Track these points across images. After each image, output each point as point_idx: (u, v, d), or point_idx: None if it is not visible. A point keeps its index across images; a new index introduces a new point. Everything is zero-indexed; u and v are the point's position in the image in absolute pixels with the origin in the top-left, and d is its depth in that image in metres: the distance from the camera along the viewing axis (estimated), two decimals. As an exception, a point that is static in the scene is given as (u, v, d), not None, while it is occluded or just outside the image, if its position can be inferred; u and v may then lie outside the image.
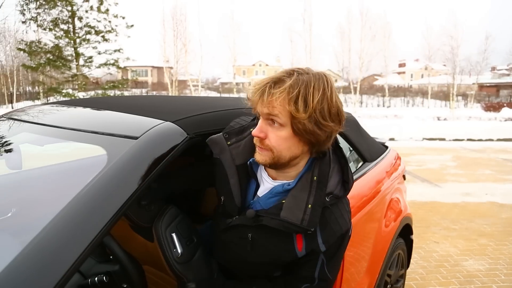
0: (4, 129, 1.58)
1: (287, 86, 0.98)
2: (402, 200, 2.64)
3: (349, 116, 2.34)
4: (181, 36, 30.63)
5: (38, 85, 21.87)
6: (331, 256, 1.16)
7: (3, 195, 1.83)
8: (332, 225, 1.12)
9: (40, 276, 0.82)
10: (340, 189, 1.15)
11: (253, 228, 1.18)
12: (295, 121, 1.00)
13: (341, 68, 31.33)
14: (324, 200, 1.10)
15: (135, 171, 1.06)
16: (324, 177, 1.11)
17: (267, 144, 1.06)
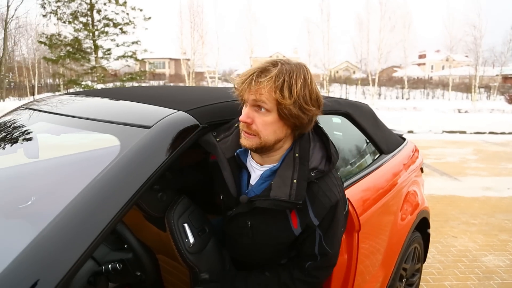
0: (22, 119, 1.61)
1: (273, 75, 1.07)
2: (419, 193, 2.59)
3: (366, 107, 2.30)
4: (198, 28, 30.67)
5: (59, 77, 22.25)
6: (327, 229, 1.23)
7: (23, 184, 1.88)
8: (321, 198, 1.19)
9: (56, 259, 0.85)
10: (324, 164, 1.22)
11: (250, 215, 1.26)
12: (281, 106, 1.09)
13: (359, 59, 30.84)
14: (309, 175, 1.17)
15: (147, 160, 1.07)
16: (305, 153, 1.20)
17: (254, 129, 1.14)
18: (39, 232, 0.88)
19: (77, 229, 0.90)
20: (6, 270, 0.80)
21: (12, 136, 1.56)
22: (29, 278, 0.80)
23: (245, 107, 1.15)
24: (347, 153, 2.12)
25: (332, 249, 1.26)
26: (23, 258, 0.83)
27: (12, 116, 1.68)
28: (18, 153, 1.49)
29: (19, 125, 1.60)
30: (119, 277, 1.36)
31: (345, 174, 1.95)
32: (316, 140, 1.25)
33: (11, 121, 1.65)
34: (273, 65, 1.10)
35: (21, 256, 0.84)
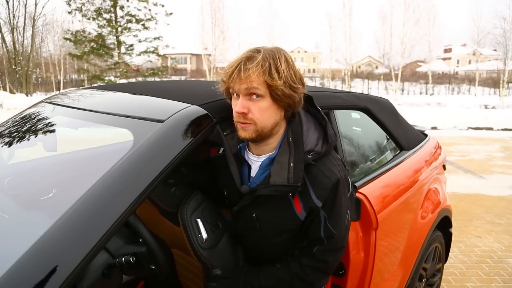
0: (42, 113, 1.64)
1: (259, 60, 1.09)
2: (441, 191, 2.52)
3: (386, 102, 2.25)
4: (219, 23, 30.73)
5: (83, 72, 22.76)
6: (330, 209, 1.23)
7: (45, 177, 1.93)
8: (321, 179, 1.20)
9: (71, 248, 0.88)
10: (321, 145, 1.23)
11: (254, 207, 1.28)
12: (272, 89, 1.11)
13: (382, 54, 30.22)
14: (305, 157, 1.19)
15: (160, 153, 1.06)
16: (298, 136, 1.21)
17: (251, 117, 1.15)
18: (54, 223, 0.91)
19: (91, 219, 0.92)
20: (25, 255, 0.84)
21: (32, 129, 1.59)
22: (47, 264, 0.84)
23: (236, 98, 1.16)
24: (366, 149, 2.08)
25: (338, 230, 1.25)
26: (40, 247, 0.86)
27: (33, 111, 1.71)
28: (38, 146, 1.52)
29: (39, 119, 1.63)
30: (133, 270, 1.37)
31: (363, 171, 1.91)
32: (310, 122, 1.26)
33: (32, 115, 1.68)
34: (256, 51, 1.13)
35: (37, 244, 0.87)
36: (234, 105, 1.16)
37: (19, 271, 0.83)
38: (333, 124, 1.69)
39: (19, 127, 1.61)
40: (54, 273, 0.83)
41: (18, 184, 1.66)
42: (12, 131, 1.60)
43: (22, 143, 1.54)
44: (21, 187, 1.67)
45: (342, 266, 1.63)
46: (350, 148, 1.88)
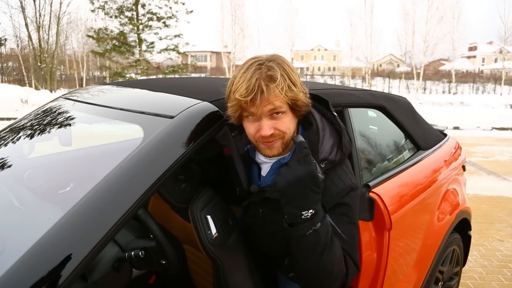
0: (59, 109, 1.68)
1: (279, 78, 1.07)
2: (460, 192, 2.45)
3: (403, 100, 2.20)
4: (239, 21, 30.80)
5: (105, 70, 23.20)
6: (338, 217, 1.19)
7: (63, 171, 1.98)
8: (329, 187, 1.18)
9: (80, 239, 0.90)
10: (335, 154, 1.21)
11: (262, 204, 1.30)
12: (293, 102, 1.11)
13: (403, 52, 29.69)
14: (319, 166, 1.15)
15: (169, 149, 1.07)
16: (314, 146, 1.18)
17: (278, 133, 1.14)
18: (64, 214, 0.93)
19: (101, 211, 0.94)
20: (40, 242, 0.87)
21: (49, 125, 1.62)
22: (57, 253, 0.87)
23: (253, 120, 1.13)
24: (381, 148, 2.04)
25: (347, 235, 1.20)
26: (51, 236, 0.89)
27: (51, 106, 1.75)
28: (54, 140, 1.55)
29: (55, 114, 1.66)
30: (143, 264, 1.39)
31: (378, 170, 1.87)
32: (326, 129, 1.23)
33: (50, 110, 1.71)
34: (266, 68, 1.09)
35: (49, 234, 0.89)
36: (253, 128, 1.15)
37: (31, 258, 0.85)
38: (347, 122, 1.66)
39: (36, 123, 1.65)
40: (64, 262, 0.86)
41: (37, 178, 1.70)
42: (30, 126, 1.64)
43: (39, 137, 1.58)
44: (40, 181, 1.72)
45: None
46: (365, 147, 1.85)
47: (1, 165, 1.53)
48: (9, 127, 1.72)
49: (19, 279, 0.82)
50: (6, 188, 1.47)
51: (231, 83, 1.13)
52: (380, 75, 37.53)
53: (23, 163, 1.72)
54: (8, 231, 1.16)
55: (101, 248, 0.92)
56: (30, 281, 0.82)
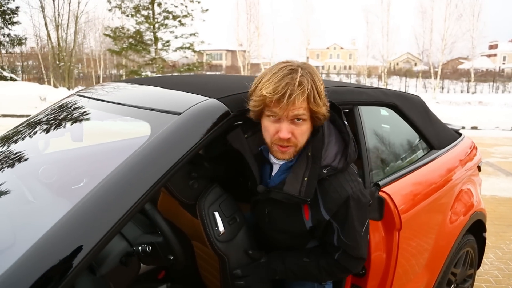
0: (72, 106, 1.70)
1: (308, 87, 1.11)
2: (475, 193, 2.40)
3: (416, 99, 2.17)
4: (254, 19, 30.80)
5: (121, 68, 23.49)
6: (342, 223, 1.25)
7: (75, 168, 2.02)
8: (332, 194, 1.23)
9: (87, 231, 0.92)
10: (339, 161, 1.24)
11: (268, 203, 1.35)
12: (315, 113, 1.15)
13: (421, 50, 29.23)
14: (320, 172, 1.21)
15: (176, 145, 1.08)
16: (318, 152, 1.22)
17: (293, 141, 1.18)
18: (72, 207, 0.96)
19: (108, 205, 0.96)
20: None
21: (61, 121, 1.65)
22: (66, 243, 0.90)
23: (274, 121, 1.17)
24: (392, 147, 2.01)
25: (352, 241, 1.27)
26: (59, 228, 0.92)
27: (64, 103, 1.78)
28: (66, 136, 1.57)
29: (68, 111, 1.69)
30: (150, 259, 1.40)
31: (388, 169, 1.85)
32: (332, 136, 1.27)
33: (63, 107, 1.74)
34: (298, 74, 1.12)
35: (56, 226, 0.92)
36: (273, 128, 1.18)
37: (40, 249, 0.88)
38: (357, 121, 1.65)
39: (49, 119, 1.68)
40: (73, 252, 0.88)
41: (51, 173, 1.74)
42: (44, 122, 1.67)
43: (52, 133, 1.61)
44: (54, 176, 1.75)
45: (362, 266, 1.59)
46: (375, 145, 1.82)
47: (17, 160, 1.56)
48: (25, 122, 1.75)
49: (28, 269, 0.85)
50: (21, 182, 1.50)
51: (259, 80, 1.17)
52: (396, 74, 37.05)
53: (38, 159, 1.76)
54: (20, 224, 1.19)
55: (109, 240, 0.94)
56: (38, 271, 0.84)
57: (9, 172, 1.48)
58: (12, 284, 0.82)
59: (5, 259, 0.87)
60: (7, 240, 1.06)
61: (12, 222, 1.19)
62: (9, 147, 1.64)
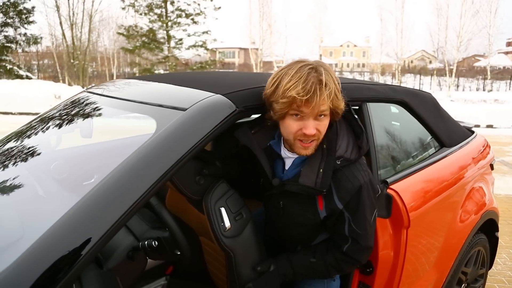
0: (81, 102, 1.73)
1: (331, 84, 1.15)
2: (487, 192, 2.36)
3: (427, 96, 2.14)
4: (266, 17, 30.76)
5: (135, 66, 23.72)
6: (354, 212, 1.29)
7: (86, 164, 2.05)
8: (345, 184, 1.27)
9: (93, 224, 0.94)
10: (351, 152, 1.29)
11: (282, 196, 1.39)
12: (335, 108, 1.20)
13: (436, 48, 28.79)
14: (335, 163, 1.26)
15: (180, 140, 1.08)
16: (332, 145, 1.27)
17: (316, 134, 1.21)
18: (78, 201, 0.98)
19: (114, 198, 0.98)
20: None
21: (71, 117, 1.68)
22: (72, 235, 0.92)
23: (298, 119, 1.19)
24: (401, 144, 1.99)
25: (362, 230, 1.31)
26: (66, 220, 0.94)
27: (75, 100, 1.80)
28: (75, 132, 1.60)
29: (78, 107, 1.71)
30: (157, 254, 1.42)
31: (397, 166, 1.83)
32: (344, 129, 1.32)
33: (73, 104, 1.77)
34: (317, 72, 1.15)
35: (64, 218, 0.94)
36: (296, 125, 1.20)
37: (50, 238, 0.91)
38: (365, 117, 1.63)
39: (60, 115, 1.71)
40: (80, 243, 0.90)
41: (63, 169, 1.77)
42: (55, 119, 1.70)
43: (62, 129, 1.63)
44: (65, 172, 1.78)
45: (370, 264, 1.58)
46: (384, 142, 1.80)
47: (29, 155, 1.60)
48: (37, 119, 1.79)
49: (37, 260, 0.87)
50: (33, 177, 1.53)
51: (277, 81, 1.18)
52: (411, 72, 36.61)
53: (50, 155, 1.79)
54: (30, 217, 1.21)
55: (115, 232, 0.96)
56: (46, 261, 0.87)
57: (21, 167, 1.51)
58: (21, 273, 0.84)
59: (15, 249, 0.89)
60: (17, 232, 1.08)
61: (22, 215, 1.22)
62: (22, 142, 1.67)
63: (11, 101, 13.90)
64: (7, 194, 1.37)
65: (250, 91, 1.29)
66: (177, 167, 1.05)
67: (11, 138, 1.72)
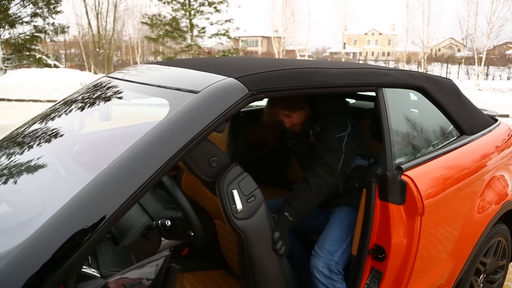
0: (101, 87, 1.78)
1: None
2: (510, 182, 2.30)
3: (447, 82, 2.09)
4: (289, 5, 30.40)
5: (158, 55, 23.99)
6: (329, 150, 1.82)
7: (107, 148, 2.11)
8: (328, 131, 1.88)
9: (107, 200, 0.97)
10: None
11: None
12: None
13: (464, 35, 27.78)
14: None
15: (192, 121, 1.11)
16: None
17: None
18: (93, 178, 1.01)
19: (127, 175, 1.01)
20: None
21: (90, 101, 1.73)
22: (88, 210, 0.95)
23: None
24: (418, 131, 1.95)
25: (329, 162, 1.78)
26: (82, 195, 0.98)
27: (95, 85, 1.86)
28: (94, 116, 1.65)
29: (98, 92, 1.76)
30: (170, 234, 1.46)
31: (413, 153, 1.80)
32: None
33: (93, 88, 1.82)
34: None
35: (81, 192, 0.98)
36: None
37: (70, 209, 0.95)
38: (381, 103, 1.62)
39: (80, 100, 1.76)
40: (94, 218, 0.94)
41: (85, 153, 1.83)
42: (74, 103, 1.76)
43: (82, 112, 1.69)
44: (87, 155, 1.85)
45: (382, 250, 1.58)
46: (400, 128, 1.78)
47: (53, 137, 1.66)
48: (60, 102, 1.85)
49: (53, 233, 0.92)
50: (56, 159, 1.59)
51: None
52: (438, 61, 35.53)
53: (73, 138, 1.86)
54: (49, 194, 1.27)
55: (128, 208, 0.99)
56: (63, 234, 0.91)
57: (45, 148, 1.57)
58: (39, 245, 0.89)
59: (37, 222, 0.94)
60: (38, 206, 1.14)
61: (43, 192, 1.28)
62: (46, 124, 1.73)
63: (40, 89, 14.33)
64: (32, 173, 1.43)
65: (263, 75, 1.29)
66: (189, 148, 1.08)
67: (37, 120, 1.79)
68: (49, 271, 0.87)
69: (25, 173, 1.37)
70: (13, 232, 1.04)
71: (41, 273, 0.86)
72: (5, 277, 0.84)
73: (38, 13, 21.10)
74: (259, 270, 1.42)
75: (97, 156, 1.66)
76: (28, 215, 1.11)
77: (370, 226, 1.58)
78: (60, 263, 0.88)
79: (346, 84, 1.53)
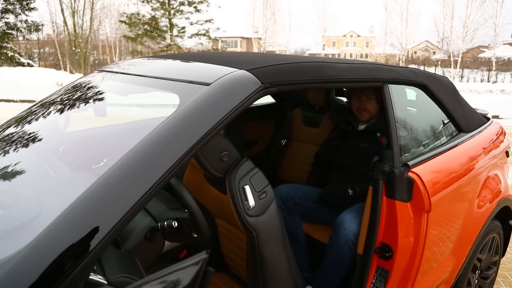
0: (94, 81, 1.69)
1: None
2: (503, 179, 2.33)
3: (445, 80, 2.09)
4: (270, 6, 30.49)
5: (137, 54, 23.58)
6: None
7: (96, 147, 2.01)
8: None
9: (110, 206, 0.88)
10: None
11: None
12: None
13: (441, 38, 28.52)
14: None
15: (204, 115, 1.04)
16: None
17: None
18: (95, 181, 0.91)
19: (131, 179, 0.91)
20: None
21: (83, 96, 1.63)
22: (88, 218, 0.85)
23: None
24: (421, 128, 1.95)
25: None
26: (83, 201, 0.88)
27: (87, 79, 1.76)
28: (89, 111, 1.55)
29: (91, 86, 1.67)
30: (175, 236, 1.39)
31: (418, 150, 1.78)
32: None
33: (85, 83, 1.73)
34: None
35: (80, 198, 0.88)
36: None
37: (70, 215, 0.85)
38: (387, 99, 1.59)
39: (71, 95, 1.66)
40: (94, 229, 0.84)
41: (72, 152, 1.73)
42: (65, 99, 1.66)
43: (74, 109, 1.59)
44: (74, 155, 1.75)
45: (389, 248, 1.55)
46: (405, 125, 1.76)
47: (39, 138, 1.55)
48: (45, 99, 1.74)
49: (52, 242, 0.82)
50: (44, 160, 1.49)
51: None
52: (414, 63, 36.30)
53: (59, 137, 1.75)
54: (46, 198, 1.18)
55: (135, 213, 0.90)
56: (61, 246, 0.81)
57: (30, 149, 1.47)
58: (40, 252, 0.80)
59: (30, 232, 0.84)
60: (33, 212, 1.04)
61: (38, 196, 1.19)
62: (30, 125, 1.63)
63: (13, 89, 13.82)
64: (30, 173, 1.32)
65: (276, 67, 1.24)
66: (203, 142, 1.01)
67: (19, 120, 1.68)
68: (56, 279, 0.78)
69: (23, 174, 1.27)
70: (11, 236, 0.95)
71: (47, 282, 0.77)
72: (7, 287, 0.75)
73: (9, 9, 20.39)
74: (269, 270, 1.37)
75: (106, 154, 1.57)
76: (28, 218, 1.02)
77: (376, 225, 1.55)
78: (69, 270, 0.79)
79: (354, 79, 1.50)
